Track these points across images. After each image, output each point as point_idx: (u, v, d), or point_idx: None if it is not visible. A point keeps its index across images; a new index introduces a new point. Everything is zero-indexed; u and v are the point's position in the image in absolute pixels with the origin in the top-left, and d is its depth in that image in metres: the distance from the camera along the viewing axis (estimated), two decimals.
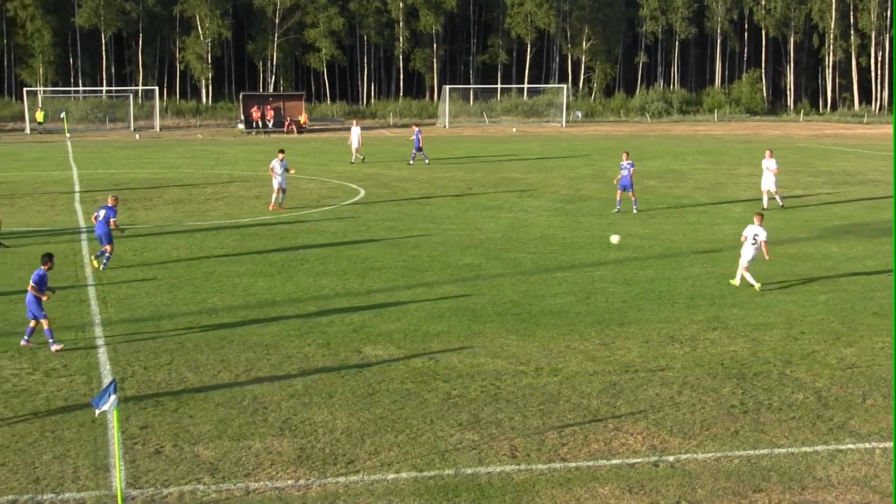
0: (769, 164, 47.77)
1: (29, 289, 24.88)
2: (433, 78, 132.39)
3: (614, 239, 36.98)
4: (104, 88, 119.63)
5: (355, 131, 70.27)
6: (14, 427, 19.55)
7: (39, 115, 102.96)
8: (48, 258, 25.74)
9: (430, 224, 42.74)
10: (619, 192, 46.46)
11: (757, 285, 30.75)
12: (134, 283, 31.80)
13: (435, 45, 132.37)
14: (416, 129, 71.68)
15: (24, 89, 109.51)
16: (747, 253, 31.01)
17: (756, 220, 31.42)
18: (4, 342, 25.18)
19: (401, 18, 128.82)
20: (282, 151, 47.80)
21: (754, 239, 30.90)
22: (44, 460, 17.97)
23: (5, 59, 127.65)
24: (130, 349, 24.71)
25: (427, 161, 68.98)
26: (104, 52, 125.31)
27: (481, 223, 43.01)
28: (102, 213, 34.64)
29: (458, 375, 22.72)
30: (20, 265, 34.16)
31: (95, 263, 34.37)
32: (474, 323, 27.10)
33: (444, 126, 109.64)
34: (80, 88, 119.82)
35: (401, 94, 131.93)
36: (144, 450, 18.45)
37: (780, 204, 47.60)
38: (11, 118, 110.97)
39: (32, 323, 25.08)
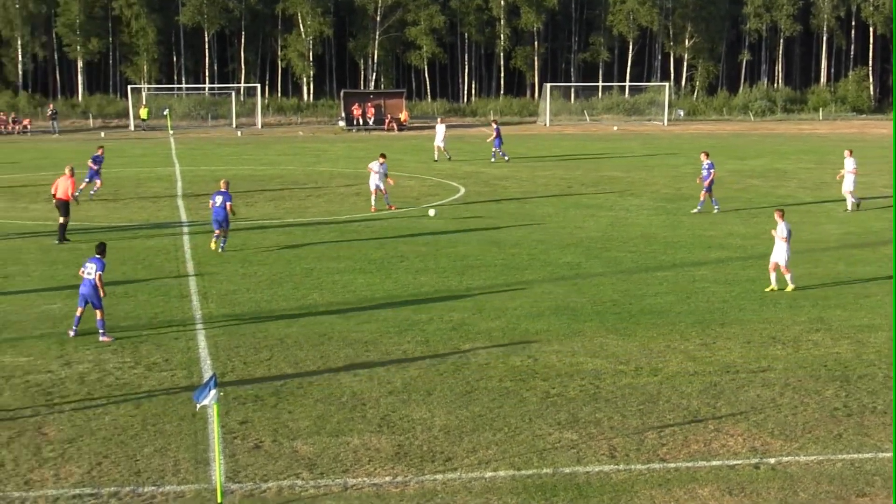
0: (848, 165, 46.87)
1: (98, 278, 25.23)
2: (534, 76, 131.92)
3: (431, 212, 42.26)
4: (207, 86, 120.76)
5: (440, 129, 70.12)
6: (117, 420, 19.78)
7: (143, 112, 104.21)
8: (104, 248, 26.16)
9: (530, 222, 42.59)
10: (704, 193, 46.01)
11: (790, 286, 30.31)
12: (235, 279, 32.06)
13: (536, 43, 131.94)
14: (496, 125, 71.51)
15: (129, 87, 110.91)
16: (779, 251, 30.34)
17: (777, 215, 30.73)
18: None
19: (502, 16, 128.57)
20: (383, 156, 47.66)
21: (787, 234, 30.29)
22: (145, 453, 18.15)
23: (111, 57, 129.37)
24: (231, 344, 24.91)
25: (493, 160, 68.87)
26: (207, 50, 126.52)
27: (581, 222, 42.81)
28: (219, 198, 35.66)
29: (556, 374, 22.62)
30: (122, 260, 34.59)
31: (213, 246, 36.01)
32: (574, 322, 26.97)
33: (545, 124, 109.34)
34: (184, 86, 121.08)
35: (501, 92, 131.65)
36: (244, 444, 18.57)
37: (849, 208, 46.46)
38: (116, 115, 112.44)
39: (80, 311, 25.55)
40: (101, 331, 25.24)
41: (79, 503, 16.31)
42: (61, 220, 38.65)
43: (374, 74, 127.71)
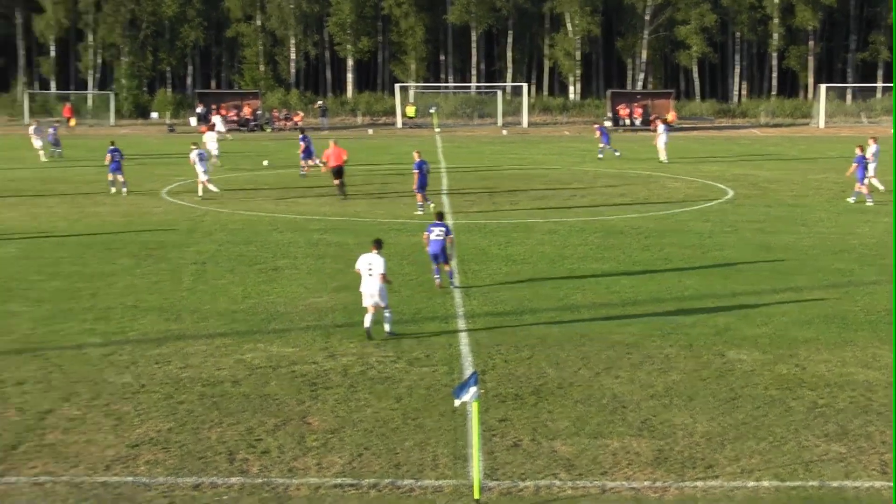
0: None
1: (448, 240, 28.59)
2: (808, 76, 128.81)
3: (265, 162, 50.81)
4: (473, 84, 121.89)
5: (661, 129, 69.21)
6: (378, 413, 20.00)
7: (410, 110, 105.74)
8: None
9: (801, 227, 41.49)
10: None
11: None
12: (498, 277, 32.13)
13: (811, 42, 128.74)
14: (599, 126, 73.60)
15: (397, 85, 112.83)
16: None
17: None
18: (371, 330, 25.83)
19: (776, 14, 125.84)
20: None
21: None
22: (405, 447, 18.28)
23: (380, 56, 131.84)
24: (492, 342, 24.93)
25: (603, 156, 69.57)
26: (474, 49, 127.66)
27: (855, 227, 41.45)
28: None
29: (825, 384, 21.89)
30: (388, 256, 35.03)
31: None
32: (844, 331, 26.07)
33: (819, 126, 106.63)
34: (450, 84, 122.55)
35: (773, 92, 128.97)
36: (502, 442, 18.53)
37: None
38: (384, 112, 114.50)
39: (435, 266, 29.85)
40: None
41: (339, 493, 16.53)
42: (338, 181, 49.46)
43: (642, 74, 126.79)
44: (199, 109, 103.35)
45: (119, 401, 20.75)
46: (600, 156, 69.74)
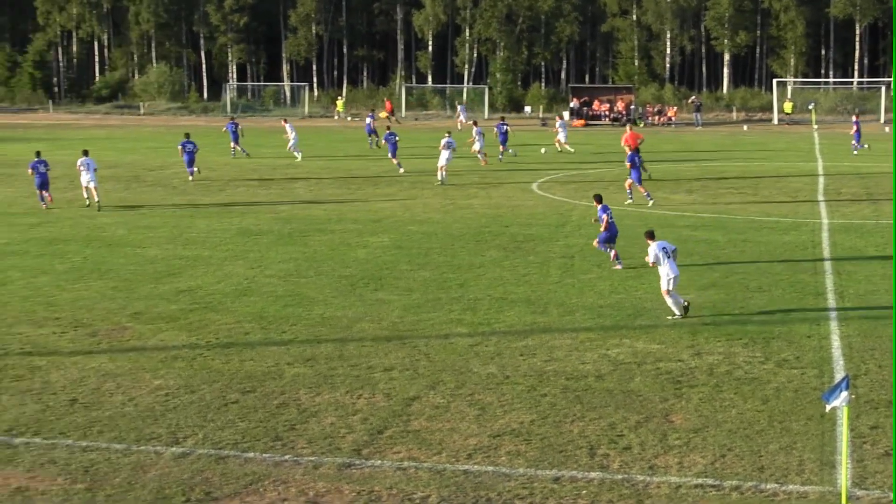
0: None
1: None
2: None
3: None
4: (855, 80, 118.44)
5: None
6: (743, 414, 19.60)
7: (787, 106, 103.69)
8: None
9: None
10: None
11: None
12: (874, 279, 30.96)
13: None
14: (855, 119, 73.44)
15: (774, 80, 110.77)
16: None
17: None
18: (739, 330, 25.39)
19: None
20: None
21: None
22: (769, 450, 17.84)
23: (758, 50, 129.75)
24: (866, 346, 24.05)
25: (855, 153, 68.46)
26: (857, 43, 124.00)
27: None
28: None
29: None
30: (758, 254, 34.42)
31: None
32: None
33: None
34: (830, 80, 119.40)
35: None
36: (873, 450, 17.84)
37: None
38: (760, 108, 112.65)
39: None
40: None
41: (700, 493, 16.27)
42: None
43: None
44: (572, 104, 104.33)
45: (483, 391, 21.07)
46: (855, 153, 69.26)
